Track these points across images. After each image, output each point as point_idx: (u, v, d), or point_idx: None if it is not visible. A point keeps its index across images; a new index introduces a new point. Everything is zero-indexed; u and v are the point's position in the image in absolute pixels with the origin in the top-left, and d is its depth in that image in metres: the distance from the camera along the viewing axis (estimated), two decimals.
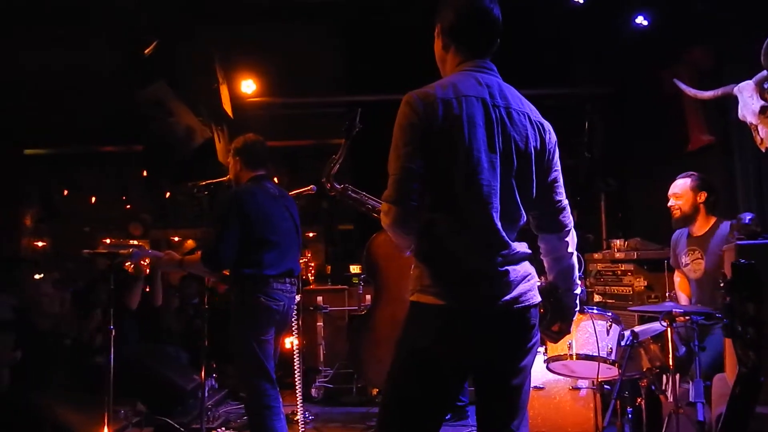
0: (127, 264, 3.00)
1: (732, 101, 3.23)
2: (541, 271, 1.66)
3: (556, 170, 1.62)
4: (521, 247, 1.54)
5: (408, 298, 1.53)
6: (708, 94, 3.38)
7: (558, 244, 1.66)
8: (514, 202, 1.52)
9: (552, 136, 1.61)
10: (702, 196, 3.00)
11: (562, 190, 1.64)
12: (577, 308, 1.72)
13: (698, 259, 2.99)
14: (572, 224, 1.67)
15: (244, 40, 5.04)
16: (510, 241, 1.50)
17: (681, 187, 3.05)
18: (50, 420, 2.94)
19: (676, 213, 3.06)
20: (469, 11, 1.57)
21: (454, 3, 1.58)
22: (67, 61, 5.01)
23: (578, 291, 1.71)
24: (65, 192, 7.93)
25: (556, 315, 1.67)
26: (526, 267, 1.54)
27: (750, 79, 3.06)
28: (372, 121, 2.55)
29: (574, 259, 1.69)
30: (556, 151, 1.62)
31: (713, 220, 3.01)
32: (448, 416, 3.66)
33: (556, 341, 1.79)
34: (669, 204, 3.09)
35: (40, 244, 8.54)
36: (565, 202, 1.65)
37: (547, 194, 1.61)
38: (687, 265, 3.06)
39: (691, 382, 2.34)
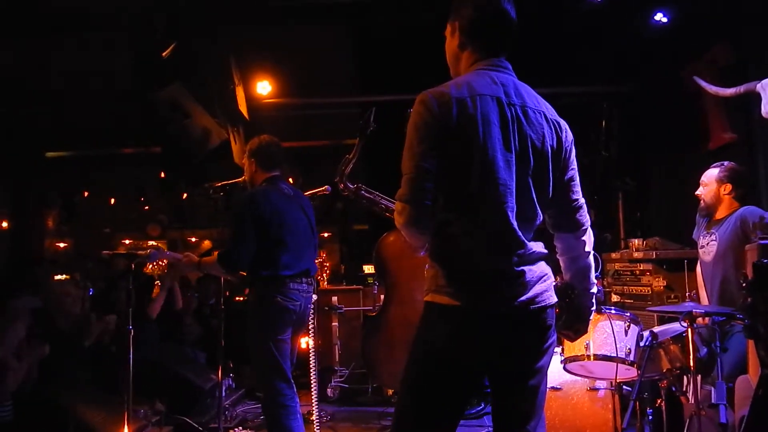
0: (147, 266, 3.03)
1: (755, 98, 3.16)
2: (557, 271, 1.65)
3: (572, 169, 1.61)
4: (537, 246, 1.52)
5: (420, 298, 1.53)
6: (730, 91, 3.31)
7: (574, 243, 1.65)
8: (530, 201, 1.50)
9: (568, 135, 1.60)
10: (726, 188, 2.92)
11: (578, 188, 1.63)
12: (594, 308, 1.70)
13: (713, 242, 2.94)
14: (589, 223, 1.66)
15: (260, 41, 5.08)
16: (526, 241, 1.49)
17: (708, 176, 2.99)
18: (74, 418, 2.99)
19: (701, 202, 3.02)
20: (488, 12, 1.56)
21: (473, 2, 1.58)
22: (87, 64, 5.10)
23: (594, 290, 1.69)
24: (85, 193, 8.08)
25: (573, 315, 1.65)
26: (542, 267, 1.53)
27: None
28: (386, 121, 2.55)
29: (591, 258, 1.67)
30: (572, 150, 1.61)
31: (737, 206, 2.93)
32: (482, 405, 3.65)
33: (572, 341, 1.78)
34: (697, 192, 3.04)
35: (61, 245, 8.71)
36: (582, 201, 1.64)
37: (564, 193, 1.60)
38: (703, 247, 3.02)
39: (713, 384, 2.29)
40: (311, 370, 3.15)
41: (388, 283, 3.86)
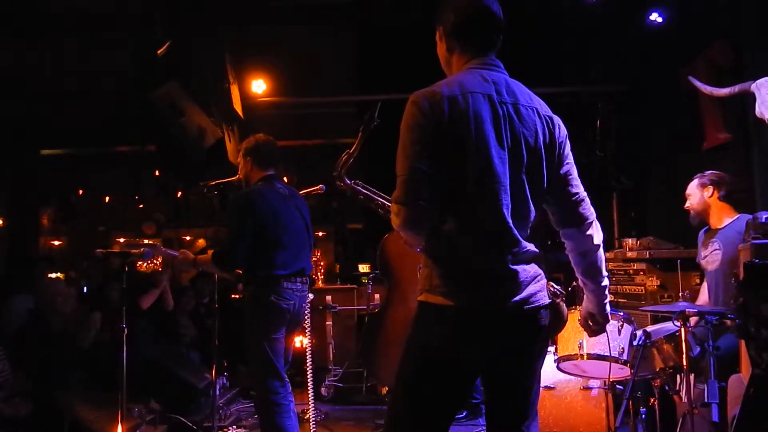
0: (140, 264, 3.01)
1: (750, 98, 3.17)
2: (550, 270, 1.64)
3: (568, 163, 1.60)
4: (531, 246, 1.52)
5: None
6: (724, 91, 3.32)
7: (581, 238, 1.62)
8: (524, 198, 1.50)
9: (562, 129, 1.60)
10: (708, 191, 3.04)
11: (577, 182, 1.61)
12: (608, 299, 1.70)
13: (716, 250, 2.96)
14: (594, 216, 1.64)
15: (255, 40, 5.07)
16: (521, 239, 1.49)
17: (690, 187, 3.13)
18: (69, 417, 2.98)
19: (690, 212, 3.13)
20: (468, 10, 1.57)
21: (453, 4, 1.58)
22: (82, 63, 5.08)
23: (607, 283, 1.68)
24: (80, 192, 8.05)
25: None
26: (535, 267, 1.53)
27: None
28: (383, 121, 2.53)
29: (601, 251, 1.65)
30: (567, 144, 1.60)
31: (735, 214, 2.99)
32: (464, 413, 3.65)
33: (594, 335, 1.78)
34: (685, 206, 3.15)
35: (56, 243, 8.68)
36: (583, 194, 1.62)
37: (563, 187, 1.59)
38: (705, 257, 3.05)
39: (706, 383, 2.30)
40: (307, 369, 3.15)
41: (391, 282, 3.86)
